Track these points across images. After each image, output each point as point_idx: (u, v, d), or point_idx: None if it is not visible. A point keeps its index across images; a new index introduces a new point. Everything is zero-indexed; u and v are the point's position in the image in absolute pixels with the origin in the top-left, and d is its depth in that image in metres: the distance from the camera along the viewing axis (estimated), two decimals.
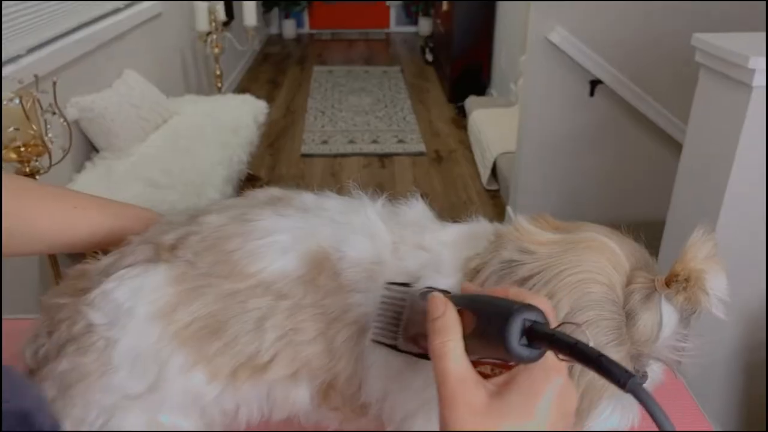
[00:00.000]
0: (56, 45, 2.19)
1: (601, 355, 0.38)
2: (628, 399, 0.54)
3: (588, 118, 2.57)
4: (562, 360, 0.41)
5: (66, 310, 0.55)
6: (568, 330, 0.41)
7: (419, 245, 0.58)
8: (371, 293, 0.56)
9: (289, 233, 0.58)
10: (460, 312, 0.45)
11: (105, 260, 0.59)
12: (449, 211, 3.14)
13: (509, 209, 2.94)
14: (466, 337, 0.44)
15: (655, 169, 2.55)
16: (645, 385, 0.56)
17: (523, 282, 0.52)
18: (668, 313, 0.52)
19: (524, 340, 0.41)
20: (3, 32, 1.89)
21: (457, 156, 3.84)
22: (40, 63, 2.00)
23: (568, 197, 2.74)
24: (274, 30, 7.09)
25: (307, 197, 0.63)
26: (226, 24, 3.77)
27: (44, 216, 0.65)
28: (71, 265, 0.62)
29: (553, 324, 0.42)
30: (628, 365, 0.52)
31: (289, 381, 0.58)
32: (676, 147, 2.36)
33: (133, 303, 0.54)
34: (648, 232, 0.60)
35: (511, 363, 0.43)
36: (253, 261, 0.57)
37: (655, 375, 0.57)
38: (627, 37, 2.35)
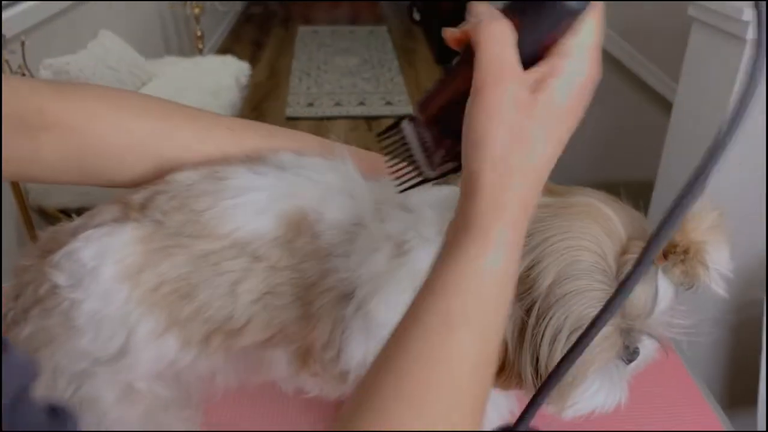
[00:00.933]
0: (27, 3, 2.10)
1: None
2: (616, 376, 0.52)
3: None
4: None
5: (31, 272, 0.53)
6: None
7: (403, 205, 0.56)
8: (351, 257, 0.53)
9: (264, 192, 0.55)
10: None
11: (76, 221, 0.57)
12: None
13: None
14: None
15: (645, 128, 2.53)
16: (636, 362, 0.53)
17: None
18: (664, 287, 0.48)
19: None
20: None
21: None
22: (8, 23, 1.92)
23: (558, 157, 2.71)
24: None
25: (285, 155, 0.59)
26: None
27: (200, 138, 0.60)
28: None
29: None
30: (617, 340, 0.49)
31: (265, 346, 0.56)
32: (666, 105, 2.34)
33: (98, 263, 0.51)
34: (637, 193, 0.57)
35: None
36: (225, 221, 0.54)
37: (647, 352, 0.54)
38: None
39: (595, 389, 0.51)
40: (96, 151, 0.56)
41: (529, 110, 0.39)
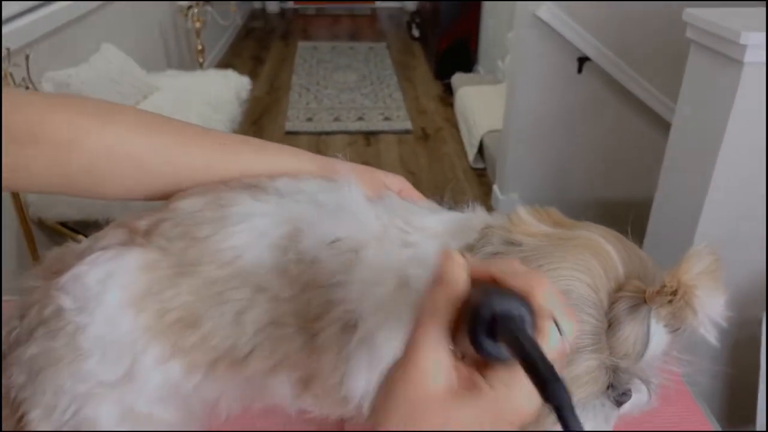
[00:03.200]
0: (30, 17, 2.11)
1: (557, 380, 0.32)
2: (602, 415, 0.50)
3: (576, 95, 2.54)
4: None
5: (37, 293, 0.53)
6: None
7: (405, 234, 0.56)
8: (353, 288, 0.53)
9: (265, 219, 0.55)
10: None
11: (82, 244, 0.57)
12: (435, 190, 3.11)
13: (496, 188, 2.92)
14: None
15: (643, 147, 2.54)
16: (626, 405, 0.51)
17: None
18: (657, 330, 0.47)
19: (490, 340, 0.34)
20: None
21: (444, 134, 3.81)
22: (13, 36, 1.93)
23: (554, 176, 2.72)
24: (257, 4, 6.95)
25: (281, 181, 0.59)
26: None
27: (193, 154, 0.60)
28: (50, 246, 0.59)
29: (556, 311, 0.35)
30: (601, 376, 0.48)
31: (268, 374, 0.56)
32: (664, 126, 2.35)
33: (103, 288, 0.51)
34: (634, 212, 0.57)
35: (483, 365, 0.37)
36: (228, 249, 0.54)
37: (641, 398, 0.52)
38: (617, 14, 2.32)
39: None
40: (85, 166, 0.56)
41: (437, 402, 0.35)
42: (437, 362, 0.35)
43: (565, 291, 0.47)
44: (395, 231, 0.55)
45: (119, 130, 0.57)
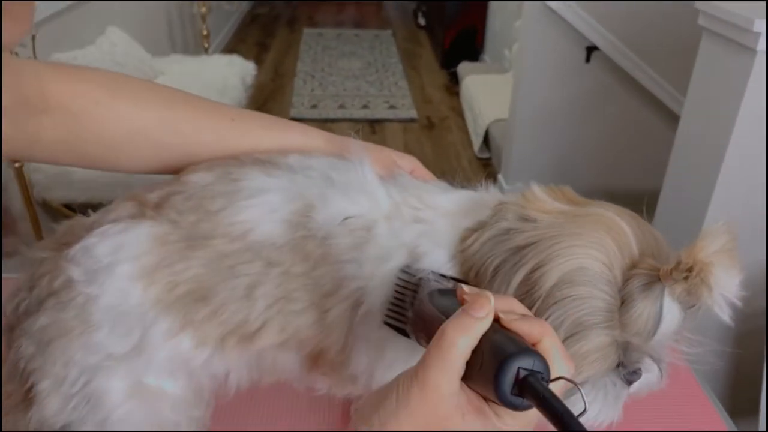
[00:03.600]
0: None
1: None
2: (612, 393, 0.50)
3: (583, 85, 2.53)
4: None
5: (47, 264, 0.53)
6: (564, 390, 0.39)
7: (417, 210, 0.55)
8: (364, 264, 0.53)
9: (277, 194, 0.55)
10: None
11: (92, 217, 0.56)
12: (440, 179, 3.10)
13: (501, 177, 2.92)
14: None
15: (650, 138, 2.53)
16: (636, 385, 0.51)
17: (516, 251, 0.49)
18: (670, 308, 0.47)
19: (516, 389, 0.37)
20: None
21: (449, 123, 3.80)
22: None
23: (561, 166, 2.71)
24: None
25: (292, 158, 0.59)
26: None
27: (202, 128, 0.59)
28: (54, 227, 0.58)
29: (552, 363, 0.39)
30: (612, 353, 0.48)
31: (278, 349, 0.56)
32: (672, 117, 2.34)
33: (113, 259, 0.51)
34: (641, 203, 0.56)
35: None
36: (240, 222, 0.54)
37: (651, 378, 0.52)
38: (626, 3, 2.30)
39: (588, 402, 0.49)
40: (95, 136, 0.56)
41: (445, 423, 0.39)
42: (452, 383, 0.39)
43: (580, 268, 0.47)
44: (407, 209, 0.55)
45: (129, 102, 0.57)
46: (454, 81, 4.26)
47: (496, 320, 0.40)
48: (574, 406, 0.49)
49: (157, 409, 0.53)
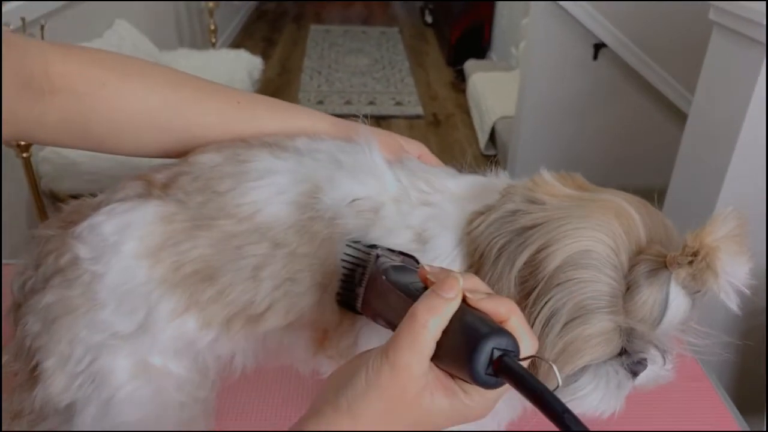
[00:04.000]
0: None
1: (566, 411, 0.35)
2: (614, 382, 0.49)
3: (590, 82, 2.52)
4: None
5: (54, 242, 0.53)
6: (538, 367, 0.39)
7: (425, 194, 0.55)
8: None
9: (285, 175, 0.55)
10: None
11: (99, 196, 0.57)
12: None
13: (507, 174, 2.91)
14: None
15: (658, 136, 2.52)
16: (641, 376, 0.51)
17: (522, 231, 0.49)
18: (676, 296, 0.46)
19: (490, 369, 0.38)
20: None
21: (455, 120, 3.79)
22: (27, 8, 1.93)
23: (567, 163, 2.69)
24: None
25: (300, 141, 0.59)
26: None
27: (208, 111, 0.59)
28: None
29: (522, 342, 0.40)
30: (615, 338, 0.47)
31: (284, 331, 0.55)
32: (679, 115, 2.33)
33: (120, 238, 0.51)
34: (648, 200, 0.55)
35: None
36: (247, 203, 0.54)
37: (656, 371, 0.51)
38: (635, 1, 2.29)
39: (589, 389, 0.49)
40: (101, 118, 0.55)
41: (415, 402, 0.40)
42: (423, 364, 0.39)
43: (586, 250, 0.46)
44: (415, 192, 0.55)
45: (135, 83, 0.57)
46: (460, 78, 4.25)
47: (463, 300, 0.41)
48: (575, 395, 0.49)
49: (162, 389, 0.53)
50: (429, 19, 5.70)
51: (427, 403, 0.39)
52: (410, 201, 0.55)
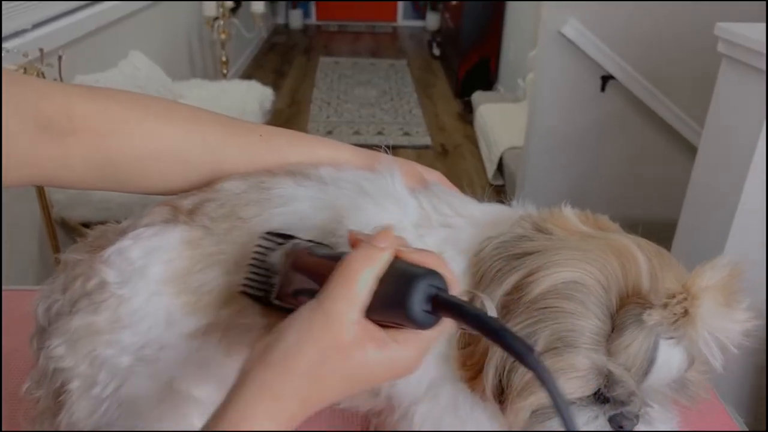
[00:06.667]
0: (62, 22, 2.16)
1: (503, 328, 0.37)
2: (592, 425, 0.46)
3: (598, 114, 2.54)
4: (463, 330, 0.41)
5: (81, 266, 0.54)
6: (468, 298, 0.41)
7: (446, 217, 0.56)
8: None
9: (308, 202, 0.56)
10: None
11: (125, 222, 0.57)
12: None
13: (514, 204, 2.91)
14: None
15: (666, 168, 2.53)
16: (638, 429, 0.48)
17: (520, 256, 0.48)
18: (668, 348, 0.44)
19: (427, 306, 0.40)
20: (7, 7, 1.86)
21: (463, 150, 3.82)
22: (45, 38, 1.97)
23: (575, 194, 2.71)
24: (280, 20, 7.05)
25: (324, 169, 0.60)
26: (233, 10, 3.74)
27: (231, 146, 0.59)
28: (72, 245, 0.58)
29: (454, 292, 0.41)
30: (593, 379, 0.45)
31: None
32: (688, 147, 2.34)
33: (146, 262, 0.52)
34: (657, 233, 0.54)
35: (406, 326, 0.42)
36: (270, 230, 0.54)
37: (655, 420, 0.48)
38: (642, 33, 2.32)
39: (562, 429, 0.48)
40: (126, 157, 0.55)
41: (348, 352, 0.40)
42: (356, 312, 0.40)
43: (573, 281, 0.45)
44: (437, 216, 0.55)
45: (158, 121, 0.57)
46: (467, 110, 4.29)
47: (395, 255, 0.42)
48: None
49: (186, 416, 0.53)
50: (437, 51, 5.78)
51: (360, 355, 0.40)
52: (430, 224, 0.55)
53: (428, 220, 0.55)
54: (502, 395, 0.48)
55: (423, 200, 0.57)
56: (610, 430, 0.48)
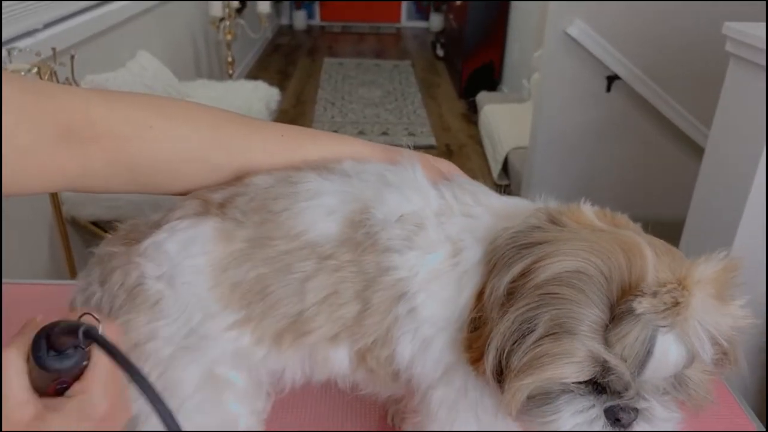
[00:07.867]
0: (72, 22, 2.17)
1: (111, 344, 0.39)
2: (586, 414, 0.47)
3: (603, 114, 2.55)
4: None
5: (118, 259, 0.55)
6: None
7: (468, 206, 0.57)
8: (409, 257, 0.54)
9: (334, 195, 0.57)
10: None
11: (157, 214, 0.58)
12: None
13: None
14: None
15: (672, 168, 2.54)
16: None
17: (530, 245, 0.49)
18: (665, 340, 0.44)
19: (53, 352, 0.41)
20: (19, 7, 1.88)
21: (468, 150, 3.83)
22: (55, 38, 1.99)
23: (580, 194, 2.68)
24: (284, 21, 7.07)
25: (347, 163, 0.61)
26: (239, 11, 3.75)
27: (255, 146, 0.59)
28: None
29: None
30: (588, 366, 0.46)
31: (330, 344, 0.57)
32: (694, 147, 2.35)
33: (183, 254, 0.53)
34: (663, 233, 0.54)
35: (65, 380, 0.42)
36: (299, 222, 0.56)
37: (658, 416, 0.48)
38: (648, 33, 2.33)
39: (558, 415, 0.48)
40: (149, 161, 0.55)
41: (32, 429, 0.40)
42: (21, 397, 0.40)
43: (575, 270, 0.46)
44: (459, 205, 0.57)
45: (181, 124, 0.57)
46: (472, 110, 4.30)
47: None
48: (545, 417, 0.48)
49: (223, 400, 0.54)
50: (440, 52, 5.80)
51: (44, 426, 0.40)
52: (452, 212, 0.56)
53: (450, 209, 0.57)
54: (501, 375, 0.49)
55: (445, 191, 0.58)
56: (609, 428, 0.48)
